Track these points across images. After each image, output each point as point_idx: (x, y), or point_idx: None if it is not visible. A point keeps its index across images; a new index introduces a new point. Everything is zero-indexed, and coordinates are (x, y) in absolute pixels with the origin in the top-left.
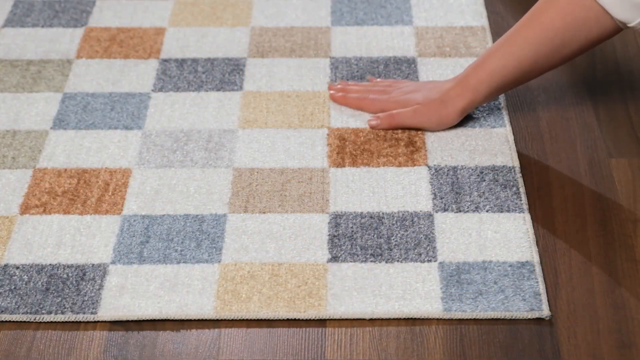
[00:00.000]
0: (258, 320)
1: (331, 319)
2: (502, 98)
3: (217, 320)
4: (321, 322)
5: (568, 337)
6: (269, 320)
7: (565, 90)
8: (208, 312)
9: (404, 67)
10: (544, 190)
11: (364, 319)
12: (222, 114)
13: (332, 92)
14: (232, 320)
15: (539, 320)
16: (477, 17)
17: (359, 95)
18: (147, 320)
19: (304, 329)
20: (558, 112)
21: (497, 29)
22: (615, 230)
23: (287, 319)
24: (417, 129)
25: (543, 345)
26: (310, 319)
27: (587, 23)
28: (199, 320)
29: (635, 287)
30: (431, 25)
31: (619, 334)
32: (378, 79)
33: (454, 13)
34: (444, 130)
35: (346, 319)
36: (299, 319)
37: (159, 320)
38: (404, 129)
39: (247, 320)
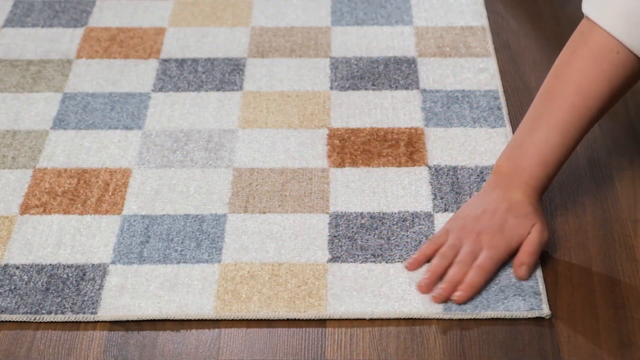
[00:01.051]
0: (258, 320)
1: (331, 319)
2: (501, 98)
3: (217, 320)
4: (321, 322)
5: (568, 337)
6: (269, 320)
7: None
8: (208, 312)
9: (404, 67)
10: None
11: (364, 319)
12: (222, 114)
13: (434, 295)
14: (232, 320)
15: (539, 320)
16: (477, 17)
17: (477, 277)
18: (147, 320)
19: (304, 329)
20: None
21: (497, 29)
22: (615, 230)
23: (287, 319)
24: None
25: (543, 345)
26: (310, 319)
27: (632, 81)
28: (199, 320)
29: (635, 287)
30: (431, 25)
31: (619, 334)
32: (422, 254)
33: (454, 13)
34: (445, 132)
35: (346, 319)
36: (299, 319)
37: (159, 320)
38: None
39: (247, 320)
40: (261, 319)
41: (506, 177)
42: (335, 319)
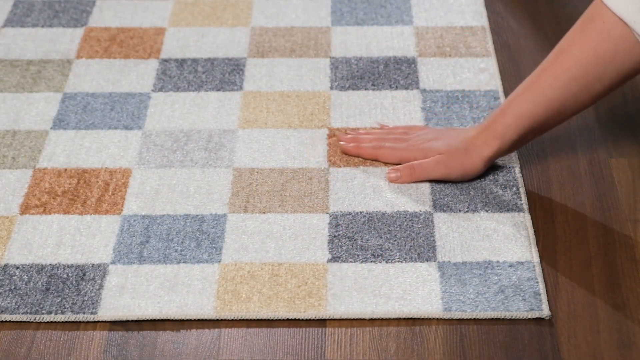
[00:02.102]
0: (258, 320)
1: (331, 319)
2: (501, 98)
3: (217, 320)
4: (321, 322)
5: (568, 337)
6: (269, 320)
7: None
8: (208, 312)
9: (404, 67)
10: (544, 190)
11: (364, 319)
12: (222, 114)
13: (342, 143)
14: (232, 320)
15: (539, 320)
16: (477, 17)
17: (374, 144)
18: (147, 320)
19: (304, 329)
20: None
21: (497, 29)
22: (615, 230)
23: (287, 319)
24: (440, 181)
25: (543, 345)
26: (310, 319)
27: (618, 55)
28: (199, 320)
29: (635, 287)
30: (431, 25)
31: (619, 334)
32: (391, 126)
33: (454, 13)
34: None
35: (346, 319)
36: (299, 319)
37: (159, 320)
38: (426, 181)
39: (247, 320)
40: (261, 319)
41: (488, 119)
42: (335, 319)
